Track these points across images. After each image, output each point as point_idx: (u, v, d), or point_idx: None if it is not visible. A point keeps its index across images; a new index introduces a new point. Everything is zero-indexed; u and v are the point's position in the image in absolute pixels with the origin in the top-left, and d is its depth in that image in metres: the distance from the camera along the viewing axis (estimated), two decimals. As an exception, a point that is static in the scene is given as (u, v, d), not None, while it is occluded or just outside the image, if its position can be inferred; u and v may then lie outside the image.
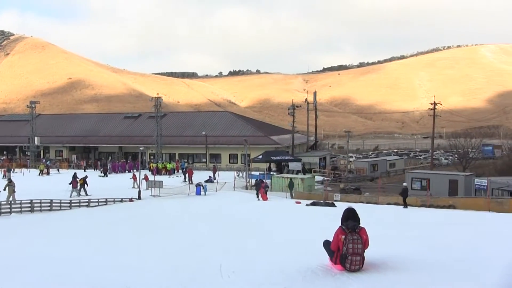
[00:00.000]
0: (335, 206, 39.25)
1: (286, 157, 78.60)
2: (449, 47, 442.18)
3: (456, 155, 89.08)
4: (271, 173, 69.12)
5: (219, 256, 14.26)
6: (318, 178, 71.44)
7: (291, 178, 57.35)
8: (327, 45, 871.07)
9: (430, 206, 44.51)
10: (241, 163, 79.98)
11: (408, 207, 42.21)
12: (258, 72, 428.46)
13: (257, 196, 47.48)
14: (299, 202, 47.35)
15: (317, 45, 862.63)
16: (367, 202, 47.49)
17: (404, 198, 43.15)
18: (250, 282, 10.89)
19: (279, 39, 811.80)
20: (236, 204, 42.32)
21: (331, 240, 11.34)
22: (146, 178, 56.33)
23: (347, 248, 10.86)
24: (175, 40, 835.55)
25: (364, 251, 11.07)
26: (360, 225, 11.11)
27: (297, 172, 72.50)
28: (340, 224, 11.17)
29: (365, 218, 28.96)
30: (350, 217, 11.05)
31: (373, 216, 32.72)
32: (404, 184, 48.52)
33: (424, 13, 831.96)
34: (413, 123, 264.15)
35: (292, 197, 51.48)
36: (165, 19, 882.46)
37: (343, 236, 10.89)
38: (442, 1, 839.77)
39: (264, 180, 53.47)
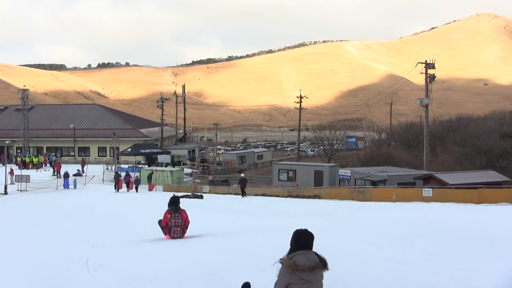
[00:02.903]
0: (202, 198, 40.18)
1: (155, 150, 78.54)
2: (315, 42, 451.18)
3: (321, 147, 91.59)
4: (139, 166, 68.92)
5: (86, 250, 14.31)
6: (187, 170, 71.81)
7: (151, 171, 58.04)
8: (195, 38, 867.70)
9: (297, 196, 45.83)
10: (110, 156, 79.13)
11: (246, 196, 44.22)
12: (127, 64, 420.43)
13: (115, 189, 47.79)
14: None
15: (185, 38, 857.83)
16: (235, 194, 48.36)
17: (242, 188, 44.77)
18: (116, 275, 11.13)
19: (146, 31, 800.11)
20: (104, 197, 42.22)
21: (162, 219, 16.27)
22: (11, 172, 54.70)
23: (171, 223, 16.02)
24: (41, 31, 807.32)
25: (185, 226, 16.26)
26: (181, 208, 16.13)
27: (166, 164, 72.59)
28: (168, 207, 16.09)
29: (231, 210, 29.71)
30: (174, 203, 16.06)
31: (241, 207, 33.56)
32: (242, 174, 50.32)
33: (290, 9, 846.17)
34: (280, 116, 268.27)
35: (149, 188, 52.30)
36: (25, 8, 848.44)
37: (169, 215, 16.02)
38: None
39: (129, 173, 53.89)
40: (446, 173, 44.27)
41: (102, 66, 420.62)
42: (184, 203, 30.57)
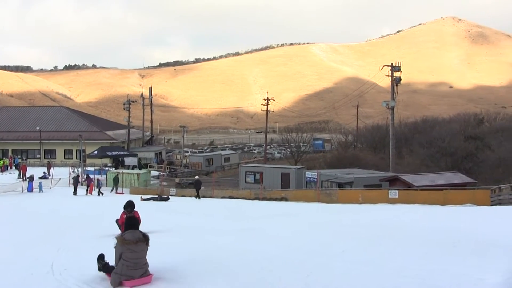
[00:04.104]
0: (168, 199, 40.37)
1: (122, 153, 78.08)
2: (282, 45, 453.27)
3: (288, 149, 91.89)
4: (106, 168, 68.51)
5: (52, 254, 14.16)
6: (154, 173, 71.55)
7: (116, 174, 57.65)
8: (162, 40, 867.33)
9: (264, 198, 45.96)
10: (77, 158, 78.46)
11: (201, 198, 45.32)
12: (94, 66, 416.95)
13: (74, 193, 47.11)
14: (122, 193, 48.46)
15: (152, 40, 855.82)
16: (202, 196, 48.27)
17: (197, 190, 45.54)
18: (81, 279, 11.03)
19: (112, 33, 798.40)
20: (69, 201, 41.79)
21: (119, 218, 18.30)
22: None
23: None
24: (6, 32, 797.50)
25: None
26: (135, 209, 17.51)
27: (133, 167, 72.25)
28: (124, 209, 17.63)
29: (197, 212, 29.61)
30: (129, 205, 17.54)
31: (209, 209, 33.51)
32: (196, 177, 50.89)
33: (257, 12, 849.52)
34: (247, 118, 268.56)
35: (116, 191, 52.06)
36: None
37: (125, 216, 16.59)
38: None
39: (90, 176, 53.52)
40: (412, 175, 44.76)
41: (69, 68, 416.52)
42: (149, 205, 30.53)
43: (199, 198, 45.36)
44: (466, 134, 69.41)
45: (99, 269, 11.12)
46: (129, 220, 11.25)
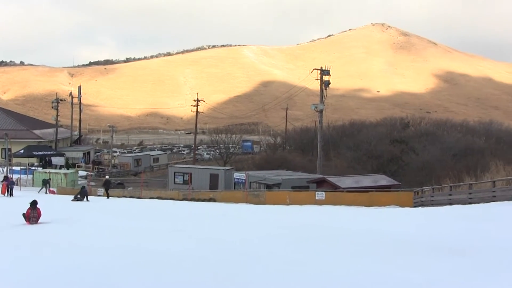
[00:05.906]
0: (78, 200, 40.15)
1: (49, 152, 76.86)
2: (213, 46, 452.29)
3: (217, 150, 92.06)
4: (33, 168, 67.31)
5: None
6: (82, 173, 70.70)
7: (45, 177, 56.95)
8: (93, 39, 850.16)
9: (192, 199, 46.01)
10: (2, 158, 76.79)
11: (110, 197, 45.77)
12: (22, 63, 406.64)
13: None
14: (54, 192, 47.97)
15: (83, 38, 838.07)
16: (130, 197, 48.12)
17: (106, 190, 46.29)
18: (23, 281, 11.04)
19: (41, 30, 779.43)
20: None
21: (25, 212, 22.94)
22: None
23: (31, 215, 22.81)
24: None
25: (38, 217, 23.04)
26: (37, 206, 23.03)
27: (61, 167, 71.24)
28: (29, 206, 22.90)
29: (124, 212, 29.48)
30: (33, 203, 22.95)
31: (135, 210, 33.35)
32: (106, 177, 51.31)
33: (189, 12, 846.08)
34: (177, 119, 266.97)
35: (47, 191, 51.52)
36: None
37: (30, 210, 22.81)
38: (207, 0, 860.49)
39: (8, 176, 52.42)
40: (339, 177, 45.49)
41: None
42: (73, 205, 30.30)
43: (108, 197, 45.60)
44: (392, 138, 70.87)
45: None
46: None
